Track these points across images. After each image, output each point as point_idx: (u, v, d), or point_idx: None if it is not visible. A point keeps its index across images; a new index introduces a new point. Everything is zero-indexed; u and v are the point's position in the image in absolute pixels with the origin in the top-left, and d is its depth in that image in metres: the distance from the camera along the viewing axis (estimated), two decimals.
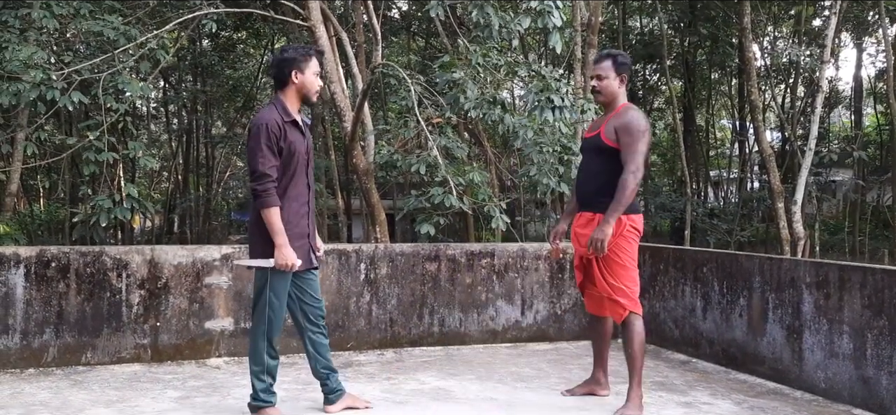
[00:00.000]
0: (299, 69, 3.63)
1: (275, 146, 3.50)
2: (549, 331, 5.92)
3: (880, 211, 22.38)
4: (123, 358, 4.92)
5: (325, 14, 9.36)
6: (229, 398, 4.17)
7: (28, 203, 20.13)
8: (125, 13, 8.94)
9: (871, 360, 4.12)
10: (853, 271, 4.27)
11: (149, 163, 8.27)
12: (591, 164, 4.09)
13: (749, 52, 15.05)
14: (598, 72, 4.08)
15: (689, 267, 5.51)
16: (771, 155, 15.28)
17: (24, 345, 4.73)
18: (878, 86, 23.74)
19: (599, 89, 4.10)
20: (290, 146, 3.56)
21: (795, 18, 20.62)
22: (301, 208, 3.67)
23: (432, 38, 18.91)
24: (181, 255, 5.08)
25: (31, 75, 6.71)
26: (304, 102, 3.72)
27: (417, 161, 7.28)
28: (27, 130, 8.85)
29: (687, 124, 22.58)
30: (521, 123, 7.02)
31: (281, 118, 3.56)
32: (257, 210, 3.55)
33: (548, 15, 6.78)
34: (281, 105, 3.62)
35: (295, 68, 3.62)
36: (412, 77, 7.62)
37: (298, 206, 3.66)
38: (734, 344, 5.07)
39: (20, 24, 7.74)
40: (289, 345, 5.27)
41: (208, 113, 23.37)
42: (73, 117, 13.87)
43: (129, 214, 7.22)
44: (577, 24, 12.22)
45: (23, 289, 4.74)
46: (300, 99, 3.69)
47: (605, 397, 4.30)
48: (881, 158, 23.38)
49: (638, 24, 22.93)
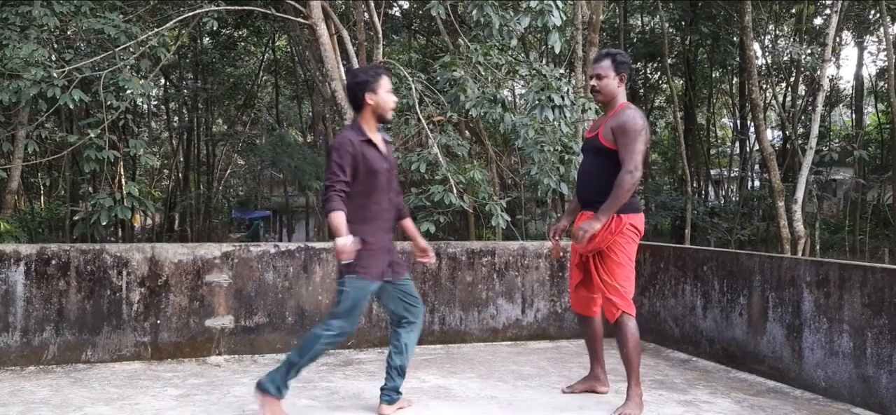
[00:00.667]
0: (372, 90, 3.74)
1: (347, 165, 3.63)
2: (549, 329, 5.92)
3: (881, 210, 22.37)
4: (124, 356, 4.92)
5: (326, 12, 9.35)
6: (229, 396, 4.18)
7: (28, 201, 20.14)
8: (126, 11, 8.95)
9: (871, 358, 4.12)
10: (853, 270, 4.27)
11: (149, 161, 8.27)
12: (591, 164, 4.09)
13: (750, 51, 15.04)
14: (597, 71, 4.08)
15: (690, 266, 5.51)
16: (772, 154, 15.27)
17: (25, 343, 4.74)
18: (880, 84, 23.71)
19: (599, 89, 4.09)
20: (368, 166, 3.68)
21: (796, 17, 20.62)
22: (383, 226, 3.81)
23: (433, 37, 18.91)
24: (181, 253, 5.08)
25: (31, 73, 6.72)
26: (380, 121, 3.83)
27: (418, 159, 7.28)
28: (28, 127, 8.86)
29: (688, 123, 22.56)
30: (522, 122, 7.02)
31: (356, 139, 3.69)
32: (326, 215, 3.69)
33: (548, 14, 6.78)
34: (357, 127, 3.76)
35: (367, 90, 3.73)
36: (413, 75, 7.62)
37: (380, 223, 3.79)
38: (734, 343, 5.07)
39: (21, 21, 7.74)
40: (289, 343, 5.27)
41: (209, 111, 23.38)
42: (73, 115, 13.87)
43: (129, 212, 7.23)
44: (577, 23, 12.22)
45: (23, 287, 4.74)
46: (376, 118, 3.80)
47: (605, 393, 4.31)
48: (882, 156, 23.36)
49: (639, 23, 22.92)
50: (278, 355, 5.18)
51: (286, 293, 5.28)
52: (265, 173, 27.14)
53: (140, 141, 8.13)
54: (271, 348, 5.23)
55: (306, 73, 21.17)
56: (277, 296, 5.25)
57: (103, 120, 7.34)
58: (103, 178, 7.89)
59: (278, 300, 5.26)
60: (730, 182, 26.64)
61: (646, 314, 5.98)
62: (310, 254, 5.34)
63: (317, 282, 5.35)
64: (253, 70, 23.84)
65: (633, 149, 3.87)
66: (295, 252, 5.31)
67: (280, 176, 25.55)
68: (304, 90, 23.66)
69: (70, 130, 12.75)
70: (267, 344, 5.22)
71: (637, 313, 6.02)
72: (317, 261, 5.34)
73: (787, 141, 21.70)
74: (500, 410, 4.03)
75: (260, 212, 28.45)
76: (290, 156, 19.41)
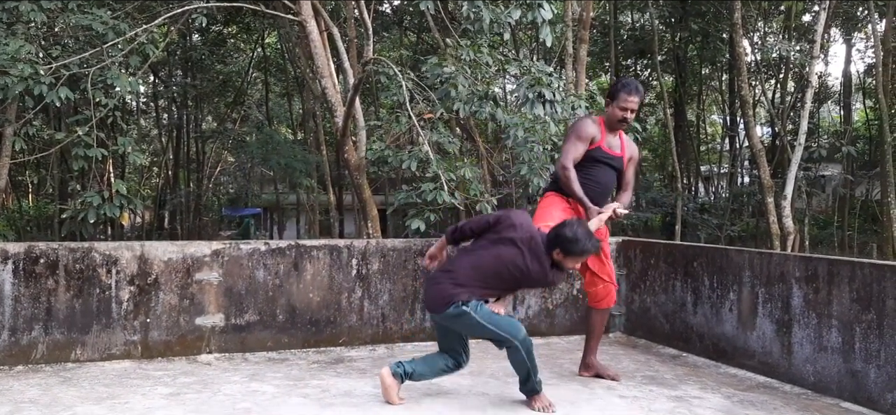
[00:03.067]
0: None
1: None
2: (540, 326, 5.93)
3: (869, 206, 22.54)
4: (113, 355, 4.90)
5: (316, 8, 9.32)
6: (220, 394, 4.16)
7: (17, 199, 19.99)
8: (114, 7, 8.88)
9: (860, 353, 4.15)
10: (842, 266, 4.29)
11: (138, 159, 8.20)
12: (611, 177, 4.60)
13: (739, 48, 15.11)
14: (636, 106, 4.45)
15: (680, 262, 5.53)
16: (761, 150, 15.36)
17: (13, 342, 4.70)
18: (867, 81, 23.89)
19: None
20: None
21: (785, 14, 20.73)
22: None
23: (424, 33, 18.88)
24: (171, 251, 5.05)
25: (18, 69, 6.65)
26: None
27: (409, 157, 7.26)
28: (15, 125, 8.78)
29: (678, 120, 22.65)
30: (512, 121, 7.01)
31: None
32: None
33: (538, 8, 6.78)
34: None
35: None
36: (404, 72, 7.60)
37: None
38: (724, 338, 5.10)
39: (7, 17, 7.67)
40: (279, 341, 5.26)
41: (199, 108, 23.28)
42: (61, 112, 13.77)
43: (118, 211, 7.17)
44: (568, 19, 12.23)
45: (11, 286, 4.70)
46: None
47: (612, 381, 4.58)
48: (870, 152, 23.54)
49: (629, 20, 22.97)
50: (269, 354, 5.17)
51: (277, 291, 5.26)
52: (255, 171, 27.04)
53: (129, 139, 8.06)
54: (262, 347, 5.21)
55: (296, 71, 21.11)
56: (268, 294, 5.24)
57: (91, 117, 7.28)
58: (92, 176, 7.83)
59: (269, 298, 5.24)
60: (720, 178, 26.78)
61: (636, 310, 6.00)
62: (300, 252, 5.32)
63: (307, 280, 5.33)
64: (243, 67, 23.74)
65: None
66: (285, 250, 5.30)
67: (270, 173, 25.47)
68: (295, 87, 23.59)
69: (58, 128, 12.67)
70: (258, 342, 5.21)
71: (628, 309, 6.09)
72: (307, 259, 5.33)
73: (776, 137, 21.82)
74: (492, 406, 4.03)
75: (250, 210, 28.36)
76: (281, 153, 19.35)
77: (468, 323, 3.84)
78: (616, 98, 4.43)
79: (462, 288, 3.82)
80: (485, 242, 3.98)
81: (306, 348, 5.31)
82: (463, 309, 3.80)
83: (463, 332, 3.97)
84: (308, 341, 5.33)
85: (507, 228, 3.90)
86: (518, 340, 3.83)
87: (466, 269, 3.86)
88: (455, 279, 3.85)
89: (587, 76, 14.42)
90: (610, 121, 4.50)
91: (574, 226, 3.85)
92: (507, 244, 3.86)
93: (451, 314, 3.84)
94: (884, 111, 16.50)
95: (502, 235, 3.89)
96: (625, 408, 4.05)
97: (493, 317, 3.84)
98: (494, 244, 3.91)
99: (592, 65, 21.31)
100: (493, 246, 3.91)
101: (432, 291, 3.92)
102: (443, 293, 3.85)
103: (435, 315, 3.94)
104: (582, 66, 12.76)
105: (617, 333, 6.13)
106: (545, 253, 3.83)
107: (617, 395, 4.29)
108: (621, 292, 6.13)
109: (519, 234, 3.86)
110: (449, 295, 3.83)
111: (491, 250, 3.90)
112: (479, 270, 3.84)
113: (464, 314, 3.81)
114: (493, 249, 3.89)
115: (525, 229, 3.87)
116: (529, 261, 3.80)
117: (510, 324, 3.87)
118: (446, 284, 3.86)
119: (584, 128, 4.44)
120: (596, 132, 4.45)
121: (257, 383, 4.41)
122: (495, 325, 3.82)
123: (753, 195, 20.48)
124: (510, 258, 3.82)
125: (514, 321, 3.92)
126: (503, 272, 3.84)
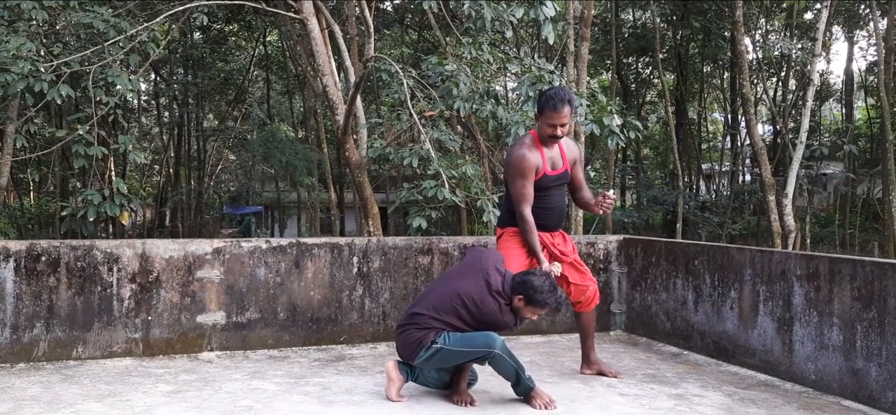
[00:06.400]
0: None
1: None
2: (541, 324, 5.93)
3: (870, 204, 22.53)
4: (115, 352, 4.90)
5: (318, 6, 9.32)
6: (221, 392, 4.17)
7: (18, 197, 20.02)
8: (115, 5, 8.88)
9: (861, 351, 4.14)
10: (843, 264, 4.29)
11: (137, 157, 8.21)
12: (562, 196, 4.55)
13: (741, 46, 15.09)
14: (567, 120, 4.25)
15: (681, 260, 5.53)
16: (762, 148, 15.34)
17: (15, 339, 4.70)
18: (869, 79, 23.85)
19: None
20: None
21: (787, 12, 20.69)
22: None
23: (425, 31, 18.87)
24: (172, 248, 5.06)
25: (19, 67, 6.65)
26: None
27: (410, 154, 7.26)
28: (17, 122, 8.79)
29: (679, 118, 22.64)
30: (513, 118, 7.01)
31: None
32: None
33: (540, 5, 6.77)
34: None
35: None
36: (405, 70, 7.60)
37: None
38: (725, 336, 5.10)
39: (9, 15, 7.67)
40: (281, 339, 5.27)
41: (200, 106, 23.28)
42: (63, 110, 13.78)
43: (118, 210, 7.17)
44: (570, 18, 12.22)
45: (13, 283, 4.71)
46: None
47: (613, 378, 4.59)
48: (872, 151, 23.51)
49: (630, 17, 22.95)
50: (270, 351, 5.17)
51: (278, 289, 5.26)
52: (256, 169, 27.07)
53: (130, 137, 8.08)
54: (263, 344, 5.22)
55: (297, 68, 21.10)
56: (269, 292, 5.24)
57: (93, 115, 7.29)
58: (92, 174, 7.84)
59: (270, 296, 5.24)
60: (721, 177, 26.76)
61: (637, 308, 6.00)
62: (301, 250, 5.33)
63: (308, 278, 5.34)
64: (244, 65, 23.74)
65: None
66: (286, 248, 5.30)
67: (271, 171, 25.50)
68: (296, 85, 23.58)
69: (59, 126, 12.66)
70: (259, 340, 5.21)
71: (629, 307, 6.09)
72: (308, 257, 5.33)
73: (777, 135, 21.80)
74: (493, 404, 4.03)
75: (251, 208, 28.38)
76: (282, 151, 19.37)
77: (445, 357, 3.88)
78: (542, 114, 4.23)
79: (427, 330, 3.87)
80: (447, 277, 4.08)
81: (307, 346, 5.31)
82: (434, 347, 3.85)
83: (443, 366, 4.01)
84: (309, 338, 5.33)
85: (472, 262, 4.00)
86: (496, 349, 3.84)
87: (428, 310, 3.90)
88: (419, 323, 3.90)
89: (588, 74, 14.41)
90: (542, 137, 4.29)
91: (541, 277, 3.88)
92: (469, 276, 3.92)
93: (426, 357, 3.89)
94: (886, 109, 16.47)
95: (467, 270, 3.97)
96: (625, 406, 4.05)
97: (465, 339, 3.85)
98: (454, 279, 3.98)
99: (594, 63, 21.29)
100: (452, 280, 3.98)
101: (401, 342, 3.98)
102: (411, 340, 3.92)
103: (412, 362, 3.98)
104: (583, 64, 12.76)
105: (618, 331, 6.14)
106: (506, 295, 3.86)
107: (618, 393, 4.29)
108: (622, 290, 6.13)
109: (486, 265, 3.92)
110: (417, 340, 3.88)
111: (450, 284, 3.96)
112: (440, 308, 3.88)
113: (437, 351, 3.85)
114: (452, 284, 3.94)
115: (488, 266, 3.92)
116: (489, 297, 3.83)
117: (484, 337, 3.86)
118: (412, 331, 3.92)
119: (525, 164, 4.23)
120: (537, 161, 4.27)
121: (258, 380, 4.42)
122: (470, 345, 3.84)
123: (755, 193, 20.47)
124: (469, 291, 3.85)
125: (487, 334, 3.87)
126: (460, 308, 3.85)
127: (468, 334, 3.86)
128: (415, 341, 3.89)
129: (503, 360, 3.87)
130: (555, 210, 4.44)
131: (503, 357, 3.86)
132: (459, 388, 4.04)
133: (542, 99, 4.27)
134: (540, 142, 4.33)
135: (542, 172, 4.30)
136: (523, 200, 4.25)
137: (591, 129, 7.17)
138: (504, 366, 3.90)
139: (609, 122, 7.02)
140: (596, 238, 6.24)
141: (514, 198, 4.29)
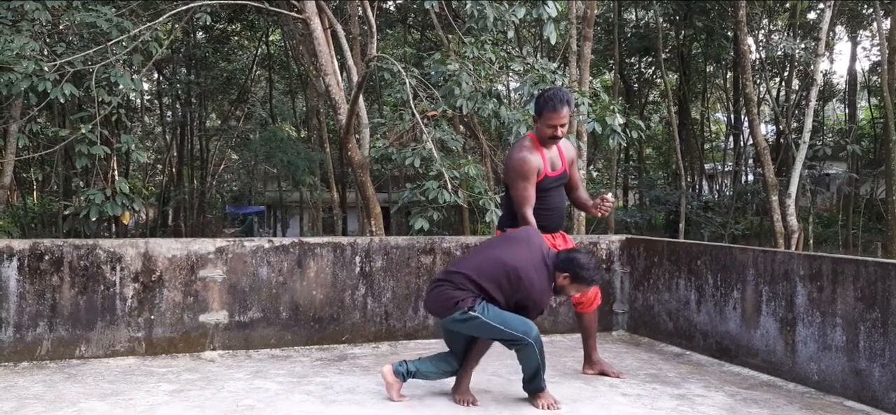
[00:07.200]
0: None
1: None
2: (543, 324, 5.92)
3: (874, 204, 22.47)
4: (117, 351, 4.91)
5: (320, 6, 9.32)
6: (224, 391, 4.17)
7: (21, 196, 20.05)
8: (118, 5, 8.89)
9: (864, 352, 4.14)
10: (846, 264, 4.28)
11: (140, 156, 8.22)
12: (562, 197, 4.52)
13: (744, 46, 15.07)
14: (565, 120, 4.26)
15: (684, 260, 5.52)
16: (765, 148, 15.32)
17: (18, 338, 4.71)
18: (873, 79, 23.81)
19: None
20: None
21: (790, 12, 20.66)
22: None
23: (428, 31, 18.88)
24: (175, 248, 5.06)
25: (22, 66, 6.67)
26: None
27: (412, 154, 7.26)
28: (20, 121, 8.81)
29: (682, 117, 22.63)
30: (516, 118, 7.00)
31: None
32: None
33: (542, 5, 6.77)
34: None
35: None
36: (407, 70, 7.60)
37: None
38: (728, 336, 5.09)
39: (12, 15, 7.69)
40: (283, 338, 5.27)
41: (202, 105, 23.32)
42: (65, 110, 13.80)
43: (119, 210, 7.18)
44: (572, 17, 12.21)
45: (16, 282, 4.72)
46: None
47: (615, 378, 4.59)
48: (875, 151, 23.45)
49: (633, 17, 22.92)
50: (273, 351, 5.17)
51: (280, 288, 5.27)
52: (259, 168, 27.09)
53: (133, 136, 8.08)
54: (266, 344, 5.22)
55: (300, 68, 21.12)
56: (271, 291, 5.24)
57: (95, 115, 7.30)
58: (95, 173, 7.86)
59: (272, 295, 5.25)
60: (723, 177, 26.71)
61: (640, 308, 6.00)
62: (304, 249, 5.33)
63: (311, 277, 5.34)
64: (246, 64, 23.78)
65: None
66: (289, 247, 5.30)
67: (274, 171, 25.51)
68: (298, 85, 23.60)
69: (62, 125, 12.69)
70: (261, 339, 5.22)
71: (631, 307, 6.09)
72: (311, 256, 5.34)
73: (780, 135, 21.77)
74: (495, 404, 4.03)
75: (254, 207, 28.41)
76: (284, 151, 19.39)
77: (478, 327, 3.79)
78: (541, 116, 4.21)
79: (465, 292, 3.77)
80: (490, 244, 3.97)
81: (310, 346, 5.32)
82: (471, 314, 3.75)
83: (472, 335, 3.93)
84: (311, 338, 5.34)
85: (519, 235, 3.92)
86: (531, 338, 3.77)
87: (469, 270, 3.82)
88: (456, 283, 3.80)
89: (591, 74, 14.39)
90: (541, 138, 4.29)
91: (586, 255, 3.84)
92: (515, 248, 3.83)
93: (458, 319, 3.79)
94: (889, 109, 16.44)
95: (512, 242, 3.88)
96: (628, 406, 4.04)
97: (503, 316, 3.76)
98: (500, 246, 3.89)
99: (596, 62, 21.28)
100: (497, 248, 3.88)
101: (434, 297, 3.88)
102: (445, 298, 3.82)
103: (441, 318, 3.91)
104: (586, 63, 12.75)
105: (620, 331, 6.13)
106: (551, 272, 3.81)
107: (620, 393, 4.29)
108: (625, 290, 6.13)
109: (532, 241, 3.85)
110: (453, 300, 3.78)
111: (494, 251, 3.87)
112: (481, 273, 3.79)
113: (472, 319, 3.75)
114: (497, 250, 3.85)
115: (535, 241, 3.87)
116: (534, 272, 3.76)
117: (522, 322, 3.78)
118: (448, 289, 3.81)
119: (526, 167, 4.21)
120: (538, 162, 4.25)
121: (261, 379, 4.42)
122: (506, 325, 3.75)
123: (757, 193, 20.44)
124: (514, 263, 3.75)
125: (524, 319, 3.81)
126: (501, 278, 3.76)
127: (507, 313, 3.77)
128: (450, 299, 3.78)
129: (533, 351, 3.79)
130: (555, 211, 4.43)
131: (534, 349, 3.78)
132: (462, 387, 4.03)
133: (541, 100, 4.26)
134: (539, 143, 4.32)
135: (543, 173, 4.30)
136: (526, 202, 4.23)
137: (593, 127, 7.17)
138: (531, 357, 3.81)
139: (611, 121, 7.02)
140: (598, 238, 6.23)
141: (516, 201, 4.26)
